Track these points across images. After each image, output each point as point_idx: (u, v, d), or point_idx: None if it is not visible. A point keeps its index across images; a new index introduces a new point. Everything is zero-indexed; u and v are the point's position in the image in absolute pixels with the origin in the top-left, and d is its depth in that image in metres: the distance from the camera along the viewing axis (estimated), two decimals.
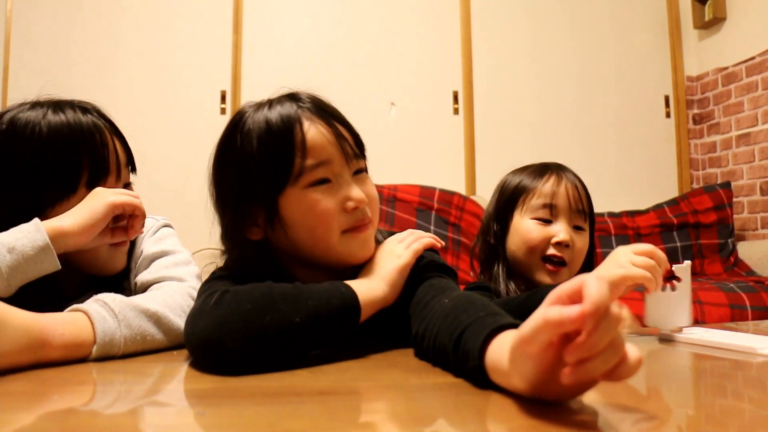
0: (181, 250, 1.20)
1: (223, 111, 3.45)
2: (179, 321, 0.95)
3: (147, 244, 1.19)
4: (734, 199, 3.61)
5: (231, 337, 0.77)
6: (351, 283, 0.89)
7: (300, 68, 3.52)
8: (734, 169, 3.69)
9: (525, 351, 0.54)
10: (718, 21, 3.77)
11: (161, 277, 1.10)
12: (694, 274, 3.37)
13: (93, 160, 1.08)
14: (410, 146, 3.56)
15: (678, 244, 3.40)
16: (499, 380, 0.62)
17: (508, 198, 1.43)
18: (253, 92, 3.90)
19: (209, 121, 3.40)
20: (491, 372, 0.63)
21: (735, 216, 3.61)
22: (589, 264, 1.43)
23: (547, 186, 1.38)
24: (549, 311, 0.49)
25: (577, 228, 1.38)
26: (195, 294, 1.01)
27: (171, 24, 3.46)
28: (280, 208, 0.94)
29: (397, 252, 0.98)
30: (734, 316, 2.58)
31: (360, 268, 0.98)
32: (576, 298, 0.49)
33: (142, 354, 0.90)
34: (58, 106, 1.09)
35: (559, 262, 1.35)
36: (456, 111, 3.67)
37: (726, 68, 3.74)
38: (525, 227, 1.38)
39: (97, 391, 0.72)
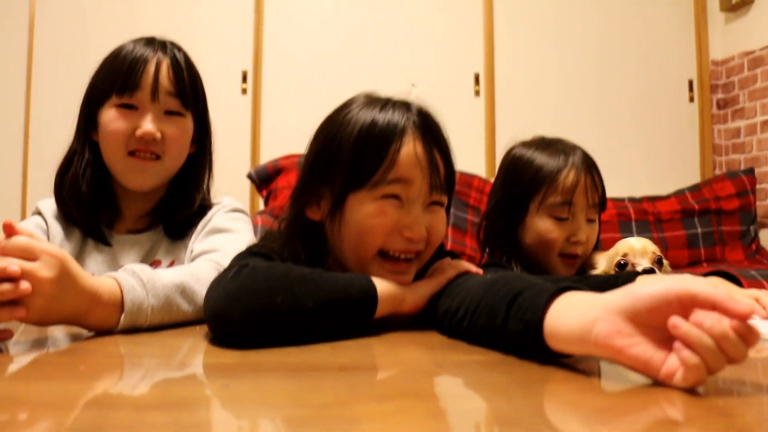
0: (246, 234, 1.24)
1: (244, 91, 3.46)
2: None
3: (218, 218, 1.26)
4: (758, 186, 3.56)
5: (239, 311, 0.77)
6: (375, 279, 0.89)
7: (321, 49, 3.52)
8: (758, 156, 3.64)
9: (665, 296, 0.56)
10: (745, 3, 3.70)
11: (211, 248, 1.14)
12: (715, 261, 3.34)
13: (125, 74, 1.19)
14: None
15: (699, 230, 3.37)
16: (559, 325, 0.64)
17: (525, 188, 1.38)
18: (274, 73, 3.89)
19: (230, 101, 3.41)
20: (553, 321, 0.64)
21: (758, 203, 3.56)
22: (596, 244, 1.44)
23: (567, 182, 1.34)
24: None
25: (589, 221, 1.38)
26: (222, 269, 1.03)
27: (193, 4, 3.47)
28: (346, 204, 0.94)
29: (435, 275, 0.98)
30: None
31: None
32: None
33: (166, 328, 0.92)
34: (140, 39, 1.25)
35: (575, 256, 1.37)
36: (477, 93, 3.65)
37: (752, 52, 3.68)
38: (543, 226, 1.35)
39: (123, 364, 0.74)
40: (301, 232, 1.00)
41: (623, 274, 1.12)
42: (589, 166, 1.38)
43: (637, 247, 1.28)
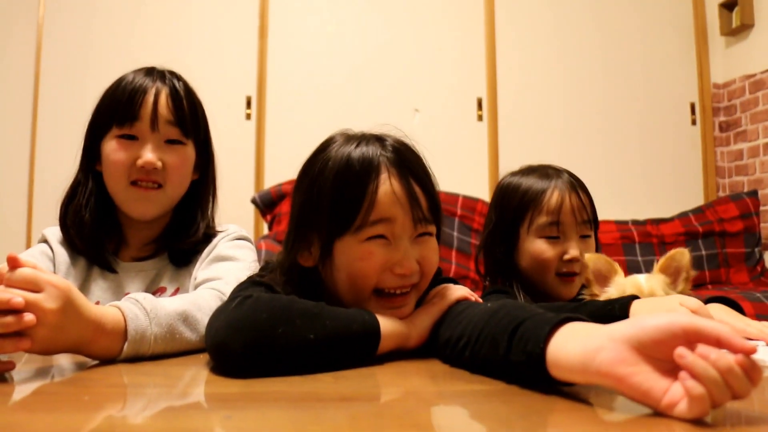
0: (250, 262, 1.25)
1: (248, 116, 3.48)
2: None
3: (223, 246, 1.26)
4: (761, 208, 3.56)
5: (240, 342, 0.77)
6: (379, 315, 0.89)
7: (325, 74, 3.55)
8: (762, 177, 3.64)
9: (670, 328, 0.56)
10: (745, 28, 3.72)
11: (215, 276, 1.15)
12: (720, 283, 3.33)
13: (124, 106, 1.20)
14: (434, 152, 3.51)
15: (703, 252, 3.36)
16: (561, 354, 0.64)
17: (513, 214, 1.41)
18: (278, 98, 3.91)
19: (235, 126, 3.43)
20: (555, 351, 0.65)
21: (762, 224, 3.56)
22: None
23: (551, 202, 1.37)
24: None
25: (584, 237, 1.39)
26: (224, 298, 1.03)
27: (197, 30, 3.51)
28: (334, 250, 0.94)
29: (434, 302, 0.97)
30: None
31: None
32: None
33: (169, 357, 0.92)
34: (140, 70, 1.26)
35: (572, 274, 1.37)
36: (480, 117, 3.67)
37: (753, 75, 3.70)
38: (536, 248, 1.37)
39: (127, 394, 0.74)
40: (296, 279, 0.99)
41: (619, 301, 1.12)
42: (573, 185, 1.40)
43: (645, 290, 1.24)
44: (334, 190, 0.93)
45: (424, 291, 1.00)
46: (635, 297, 1.13)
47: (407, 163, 0.96)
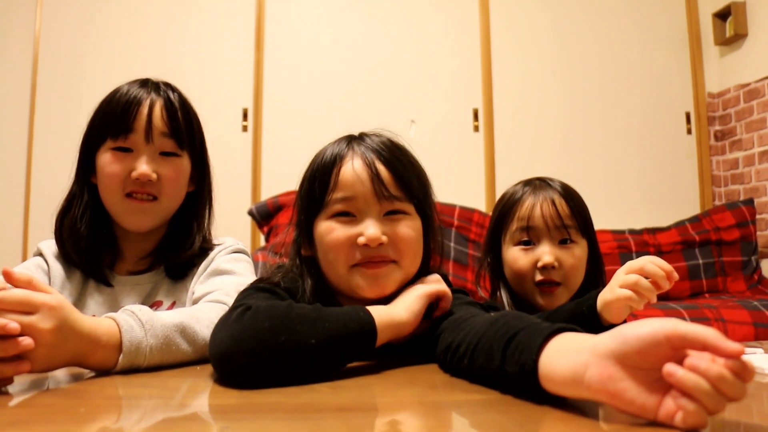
0: (248, 276, 1.25)
1: (244, 128, 3.49)
2: (206, 332, 0.96)
3: (220, 259, 1.26)
4: (757, 216, 3.57)
5: (244, 353, 0.78)
6: (372, 308, 0.91)
7: (321, 86, 3.56)
8: (757, 186, 3.65)
9: (654, 337, 0.54)
10: (739, 37, 3.75)
11: (213, 290, 1.16)
12: (717, 291, 3.32)
13: (119, 118, 1.20)
14: (430, 163, 3.53)
15: (700, 261, 3.37)
16: (552, 369, 0.63)
17: (494, 225, 1.41)
18: (274, 110, 3.92)
19: (231, 138, 3.44)
20: (547, 365, 0.64)
21: (758, 233, 3.57)
22: (595, 278, 1.39)
23: (522, 209, 1.35)
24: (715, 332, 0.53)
25: (565, 242, 1.34)
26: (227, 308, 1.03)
27: (194, 42, 3.52)
28: (314, 232, 1.03)
29: (421, 286, 1.00)
30: (758, 334, 2.54)
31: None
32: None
33: (167, 368, 0.92)
34: (135, 81, 1.26)
35: (551, 284, 1.32)
36: (476, 128, 3.68)
37: (748, 84, 3.72)
38: (511, 257, 1.35)
39: (123, 405, 0.74)
40: (305, 271, 1.05)
41: (586, 302, 1.13)
42: (553, 192, 1.36)
43: None
44: (310, 179, 1.04)
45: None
46: (599, 291, 1.12)
47: (378, 148, 1.03)
